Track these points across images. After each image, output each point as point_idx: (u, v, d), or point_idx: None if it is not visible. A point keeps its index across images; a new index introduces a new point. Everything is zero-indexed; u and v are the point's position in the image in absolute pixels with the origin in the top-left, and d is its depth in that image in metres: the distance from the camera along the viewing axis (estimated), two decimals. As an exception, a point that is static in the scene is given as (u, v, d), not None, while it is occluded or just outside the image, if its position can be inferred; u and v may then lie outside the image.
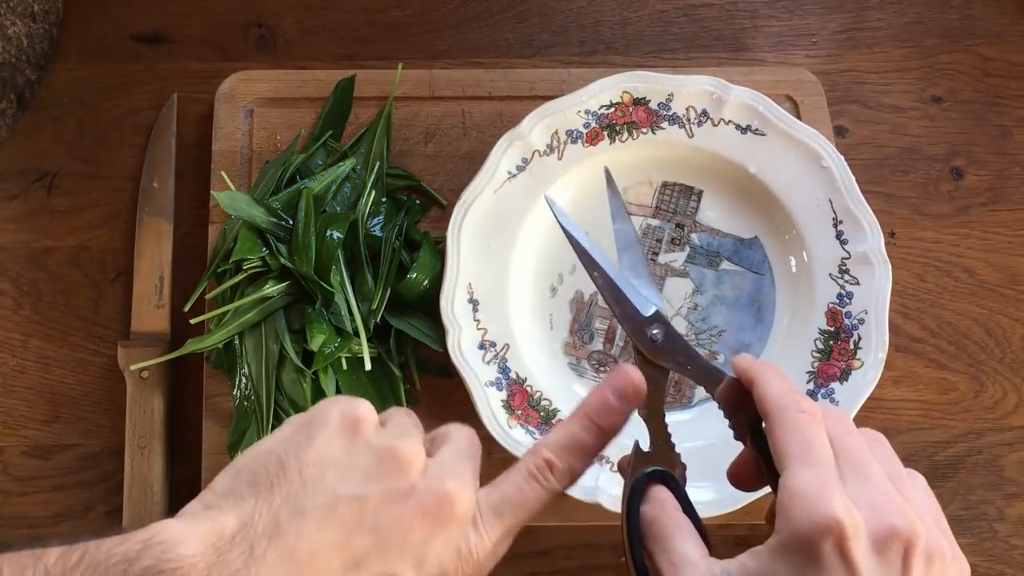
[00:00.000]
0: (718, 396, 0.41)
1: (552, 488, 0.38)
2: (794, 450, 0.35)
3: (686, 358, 0.42)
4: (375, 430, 0.36)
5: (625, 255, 0.47)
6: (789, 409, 0.37)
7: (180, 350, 0.60)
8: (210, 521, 0.32)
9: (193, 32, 0.71)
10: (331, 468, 0.34)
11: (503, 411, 0.59)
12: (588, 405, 0.38)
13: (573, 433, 0.38)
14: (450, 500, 0.34)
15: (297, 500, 0.33)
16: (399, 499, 0.34)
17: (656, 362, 0.42)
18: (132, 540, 0.30)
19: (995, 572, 0.63)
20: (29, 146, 0.68)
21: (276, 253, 0.59)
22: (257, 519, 0.32)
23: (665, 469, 0.41)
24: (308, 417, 0.36)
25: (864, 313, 0.60)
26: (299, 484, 0.33)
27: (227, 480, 0.34)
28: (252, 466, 0.34)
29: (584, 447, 0.38)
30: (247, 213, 0.59)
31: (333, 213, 0.61)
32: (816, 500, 0.33)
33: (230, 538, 0.31)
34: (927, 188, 0.68)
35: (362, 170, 0.64)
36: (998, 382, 0.65)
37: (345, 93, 0.67)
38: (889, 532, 0.33)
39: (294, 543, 0.32)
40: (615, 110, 0.63)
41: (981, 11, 0.72)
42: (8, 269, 0.66)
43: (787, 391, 0.38)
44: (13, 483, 0.63)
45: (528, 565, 0.62)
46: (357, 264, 0.61)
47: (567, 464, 0.38)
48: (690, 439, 0.58)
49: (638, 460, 0.41)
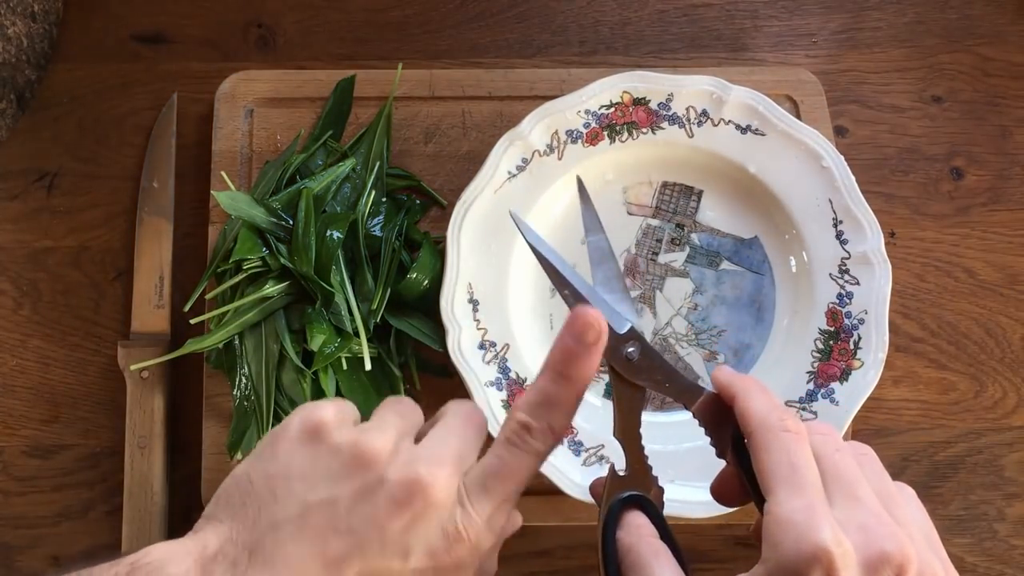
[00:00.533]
0: (696, 411, 0.40)
1: (534, 450, 0.36)
2: (780, 473, 0.34)
3: (663, 375, 0.41)
4: (339, 430, 0.36)
5: (599, 269, 0.45)
6: (773, 428, 0.36)
7: (180, 350, 0.60)
8: (193, 542, 0.33)
9: (193, 32, 0.71)
10: (297, 478, 0.34)
11: (503, 411, 0.59)
12: (552, 358, 0.37)
13: (542, 388, 0.37)
14: (422, 485, 0.34)
15: (271, 514, 0.34)
16: (369, 495, 0.34)
17: (633, 381, 0.41)
18: (121, 564, 0.32)
19: (995, 572, 0.63)
20: (29, 146, 0.68)
21: (276, 253, 0.59)
22: (236, 536, 0.33)
23: (641, 493, 0.39)
24: (272, 432, 0.36)
25: (864, 313, 0.60)
26: (270, 499, 0.34)
27: (209, 507, 0.35)
28: (228, 490, 0.35)
29: (557, 401, 0.37)
30: (247, 213, 0.59)
31: (333, 213, 0.61)
32: (804, 529, 0.32)
33: (212, 556, 0.32)
34: (927, 188, 0.68)
35: (362, 170, 0.64)
36: (998, 382, 0.65)
37: (345, 93, 0.67)
38: (880, 558, 0.32)
39: (272, 554, 0.32)
40: (615, 110, 0.63)
41: (981, 11, 0.72)
42: (8, 269, 0.66)
43: (771, 408, 0.37)
44: (13, 483, 0.63)
45: (528, 565, 0.62)
46: (357, 264, 0.61)
47: (544, 423, 0.36)
48: (690, 439, 0.58)
49: (613, 484, 0.40)
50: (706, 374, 0.62)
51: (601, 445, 0.59)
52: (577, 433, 0.60)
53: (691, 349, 0.63)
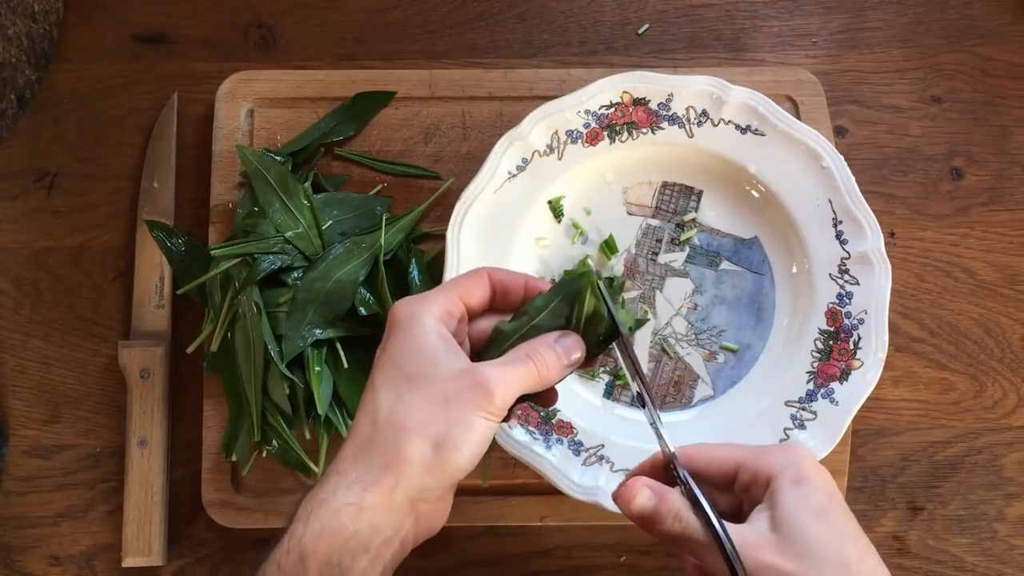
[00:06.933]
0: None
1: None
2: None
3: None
4: None
5: None
6: None
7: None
8: None
9: (193, 32, 0.71)
10: None
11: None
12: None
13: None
14: None
15: None
16: None
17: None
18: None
19: (995, 572, 0.63)
20: (29, 146, 0.68)
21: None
22: None
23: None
24: None
25: (864, 313, 0.60)
26: None
27: None
28: None
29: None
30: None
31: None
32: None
33: None
34: (927, 188, 0.68)
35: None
36: (998, 382, 0.65)
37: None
38: None
39: None
40: (615, 110, 0.63)
41: (981, 11, 0.72)
42: (8, 269, 0.66)
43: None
44: (13, 483, 0.63)
45: (528, 565, 0.62)
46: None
47: None
48: (690, 439, 0.58)
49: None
50: (706, 374, 0.62)
51: (601, 445, 0.59)
52: (577, 433, 0.60)
53: (691, 349, 0.63)
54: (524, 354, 0.44)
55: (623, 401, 0.62)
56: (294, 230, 0.61)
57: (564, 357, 0.45)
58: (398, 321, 0.44)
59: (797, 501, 0.41)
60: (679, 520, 0.42)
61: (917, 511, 0.63)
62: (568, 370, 0.45)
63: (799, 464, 0.43)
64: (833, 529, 0.41)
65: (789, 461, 0.43)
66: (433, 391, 0.41)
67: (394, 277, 0.62)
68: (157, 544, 0.60)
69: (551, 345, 0.44)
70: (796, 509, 0.41)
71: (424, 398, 0.41)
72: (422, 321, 0.43)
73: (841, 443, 0.59)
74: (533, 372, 0.43)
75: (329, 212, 0.63)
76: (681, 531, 0.42)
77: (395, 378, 0.42)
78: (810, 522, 0.41)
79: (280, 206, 0.61)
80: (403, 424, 0.41)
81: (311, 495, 0.41)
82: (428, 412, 0.41)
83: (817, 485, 0.42)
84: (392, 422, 0.41)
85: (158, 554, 0.60)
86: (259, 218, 0.61)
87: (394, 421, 0.41)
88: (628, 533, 0.62)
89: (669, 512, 0.43)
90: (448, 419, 0.41)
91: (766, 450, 0.45)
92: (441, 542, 0.62)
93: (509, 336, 0.46)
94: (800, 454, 0.44)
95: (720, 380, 0.62)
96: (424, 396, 0.41)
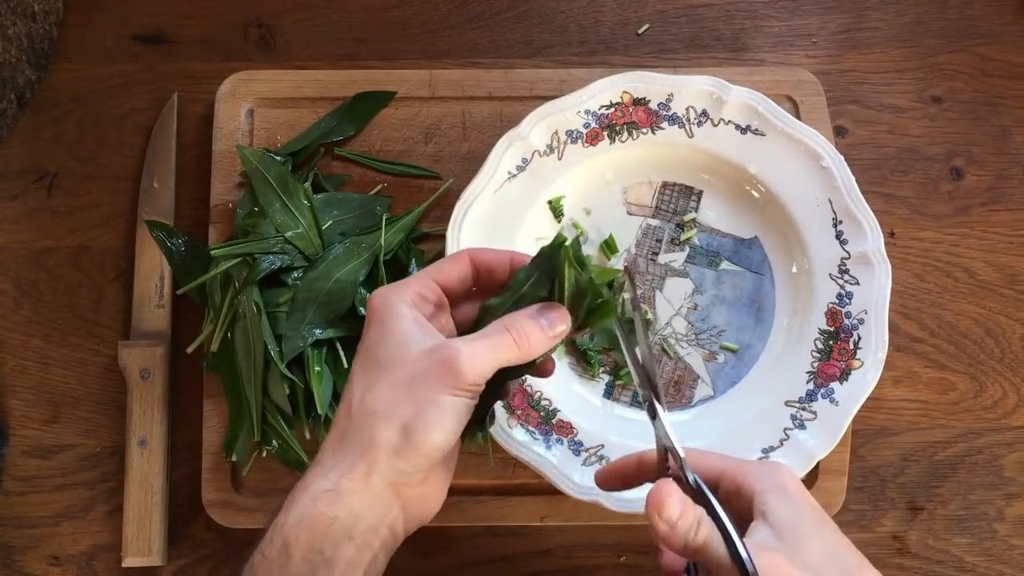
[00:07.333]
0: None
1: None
2: None
3: None
4: None
5: None
6: None
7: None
8: None
9: (193, 32, 0.71)
10: None
11: (503, 411, 0.59)
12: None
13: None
14: None
15: None
16: None
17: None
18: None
19: (995, 572, 0.63)
20: (29, 146, 0.68)
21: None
22: None
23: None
24: None
25: (864, 313, 0.60)
26: None
27: None
28: None
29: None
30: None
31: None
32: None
33: None
34: (927, 188, 0.68)
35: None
36: (998, 382, 0.65)
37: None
38: None
39: None
40: (615, 110, 0.63)
41: (981, 11, 0.72)
42: (8, 269, 0.66)
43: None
44: (13, 483, 0.63)
45: (528, 565, 0.62)
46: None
47: None
48: (690, 439, 0.58)
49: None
50: (706, 374, 0.62)
51: (601, 445, 0.59)
52: (577, 433, 0.60)
53: (691, 349, 0.63)
54: (502, 326, 0.43)
55: (623, 401, 0.62)
56: (294, 230, 0.61)
57: (548, 328, 0.44)
58: (372, 311, 0.44)
59: (792, 515, 0.41)
60: (702, 528, 0.41)
61: (917, 511, 0.63)
62: (555, 341, 0.44)
63: (782, 481, 0.43)
64: (831, 542, 0.42)
65: (771, 478, 0.43)
66: (402, 374, 0.42)
67: (394, 277, 0.62)
68: (157, 544, 0.60)
69: (533, 316, 0.44)
70: (794, 523, 0.41)
71: (393, 382, 0.42)
72: (395, 308, 0.43)
73: (841, 443, 0.59)
74: (510, 343, 0.43)
75: (329, 212, 0.63)
76: (702, 542, 0.40)
77: (369, 367, 0.43)
78: (810, 535, 0.41)
79: (280, 206, 0.61)
80: (372, 410, 0.41)
81: (295, 486, 0.42)
82: (396, 396, 0.41)
83: (804, 502, 0.43)
84: (363, 409, 0.42)
85: (158, 554, 0.60)
86: (259, 218, 0.61)
87: (364, 408, 0.42)
88: (628, 533, 0.62)
89: (695, 521, 0.41)
90: (415, 400, 0.41)
91: (750, 464, 0.45)
92: (441, 542, 0.63)
93: (496, 311, 0.45)
94: (782, 472, 0.44)
95: (720, 380, 0.62)
96: (393, 380, 0.42)
